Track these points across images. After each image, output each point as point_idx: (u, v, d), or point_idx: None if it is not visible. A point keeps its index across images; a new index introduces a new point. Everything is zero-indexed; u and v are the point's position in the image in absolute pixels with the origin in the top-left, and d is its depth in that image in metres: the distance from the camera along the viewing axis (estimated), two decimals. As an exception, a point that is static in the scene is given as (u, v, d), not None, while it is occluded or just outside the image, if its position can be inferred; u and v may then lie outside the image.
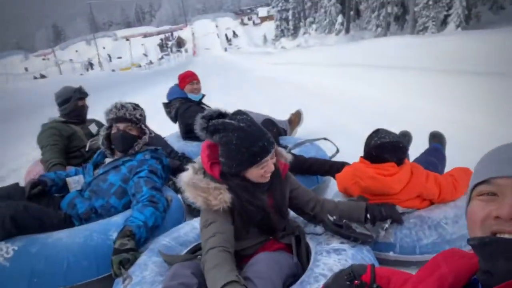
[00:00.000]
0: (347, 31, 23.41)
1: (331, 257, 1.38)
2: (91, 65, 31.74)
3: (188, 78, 3.26)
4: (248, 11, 70.84)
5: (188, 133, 3.16)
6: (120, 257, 1.52)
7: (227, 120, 1.34)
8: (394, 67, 6.45)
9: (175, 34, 57.81)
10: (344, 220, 1.49)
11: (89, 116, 3.06)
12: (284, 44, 35.25)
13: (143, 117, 2.16)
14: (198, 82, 3.29)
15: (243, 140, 1.31)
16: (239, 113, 1.39)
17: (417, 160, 2.29)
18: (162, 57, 28.85)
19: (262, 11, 60.70)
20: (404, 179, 1.79)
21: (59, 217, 1.89)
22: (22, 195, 2.00)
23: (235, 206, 1.36)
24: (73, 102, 2.87)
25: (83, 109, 2.94)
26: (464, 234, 1.69)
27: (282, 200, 1.50)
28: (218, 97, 6.31)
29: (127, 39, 58.38)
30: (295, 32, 35.76)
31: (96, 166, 2.14)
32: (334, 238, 1.48)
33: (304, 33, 33.78)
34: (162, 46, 51.39)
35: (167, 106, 3.32)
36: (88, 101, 3.03)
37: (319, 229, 1.58)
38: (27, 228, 1.74)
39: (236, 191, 1.36)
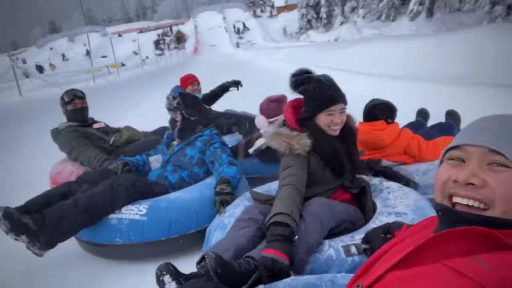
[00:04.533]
0: (431, 13, 15.33)
1: (390, 217, 1.55)
2: (40, 68, 24.65)
3: (190, 80, 3.96)
4: (261, 1, 62.91)
5: None
6: (221, 198, 2.11)
7: (310, 75, 1.74)
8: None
9: (175, 29, 50.15)
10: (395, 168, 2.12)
11: None
12: (313, 38, 27.48)
13: (180, 105, 2.51)
14: (198, 83, 4.01)
15: (318, 88, 1.68)
16: (323, 75, 1.75)
17: (421, 130, 2.89)
18: (146, 57, 21.44)
19: (279, 1, 52.83)
20: (392, 133, 2.34)
21: (161, 185, 2.39)
22: (115, 175, 2.40)
23: (313, 149, 1.67)
24: (63, 107, 3.17)
25: (83, 110, 3.22)
26: (429, 184, 2.12)
27: (354, 150, 1.80)
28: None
29: (120, 35, 51.82)
30: (328, 22, 27.92)
31: (167, 146, 2.66)
32: (398, 200, 1.70)
33: (342, 23, 25.94)
34: (158, 43, 43.90)
35: None
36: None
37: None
38: (143, 193, 2.23)
39: (314, 134, 1.69)
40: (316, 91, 1.67)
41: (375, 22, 20.64)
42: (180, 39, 45.52)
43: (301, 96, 1.75)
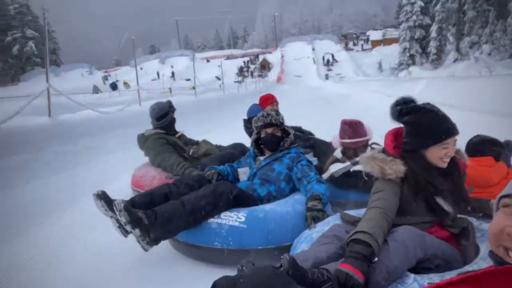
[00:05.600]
0: None
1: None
2: (113, 86, 24.59)
3: (270, 100, 3.95)
4: (354, 34, 60.02)
5: None
6: (312, 214, 2.13)
7: (417, 105, 1.67)
8: None
9: (262, 57, 49.38)
10: None
11: None
12: (416, 74, 23.63)
13: (284, 121, 2.71)
14: (277, 104, 3.98)
15: (434, 119, 1.59)
16: (428, 103, 1.68)
17: None
18: (222, 83, 19.72)
19: (375, 35, 49.46)
20: (501, 172, 2.12)
21: (252, 196, 2.46)
22: (209, 182, 2.52)
23: (407, 178, 1.60)
24: (170, 115, 3.63)
25: (174, 121, 3.73)
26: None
27: (460, 186, 1.69)
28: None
29: (208, 60, 52.89)
30: (438, 58, 23.94)
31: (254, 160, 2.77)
32: None
33: (456, 60, 21.81)
34: (242, 70, 43.15)
35: (247, 122, 3.83)
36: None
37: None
38: (240, 202, 2.31)
39: (413, 167, 1.61)
40: (432, 123, 1.60)
41: (507, 61, 16.44)
42: (265, 67, 44.52)
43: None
